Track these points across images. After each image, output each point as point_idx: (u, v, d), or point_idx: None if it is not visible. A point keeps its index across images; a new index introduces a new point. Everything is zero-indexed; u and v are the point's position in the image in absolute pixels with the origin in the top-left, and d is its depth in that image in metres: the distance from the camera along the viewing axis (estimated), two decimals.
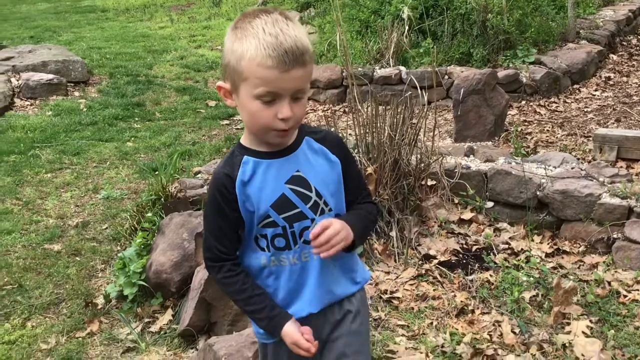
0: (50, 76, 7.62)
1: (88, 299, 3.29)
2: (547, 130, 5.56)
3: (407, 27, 7.23)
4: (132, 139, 6.08)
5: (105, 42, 11.56)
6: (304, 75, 1.42)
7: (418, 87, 4.32)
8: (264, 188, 1.51)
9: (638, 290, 3.07)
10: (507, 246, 3.53)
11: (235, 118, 6.83)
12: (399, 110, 3.76)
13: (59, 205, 4.50)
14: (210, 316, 2.89)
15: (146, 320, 3.10)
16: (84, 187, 4.82)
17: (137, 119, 6.79)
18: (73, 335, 3.04)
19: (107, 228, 4.14)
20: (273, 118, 1.42)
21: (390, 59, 7.03)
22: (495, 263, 3.37)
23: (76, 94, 7.74)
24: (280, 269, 1.57)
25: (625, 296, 3.04)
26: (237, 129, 6.43)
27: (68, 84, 7.81)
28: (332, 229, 1.45)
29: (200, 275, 2.88)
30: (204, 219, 1.66)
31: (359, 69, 6.88)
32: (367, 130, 3.81)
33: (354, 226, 1.52)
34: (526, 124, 5.78)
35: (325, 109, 6.97)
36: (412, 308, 3.03)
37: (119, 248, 3.85)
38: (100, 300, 3.27)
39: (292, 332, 1.53)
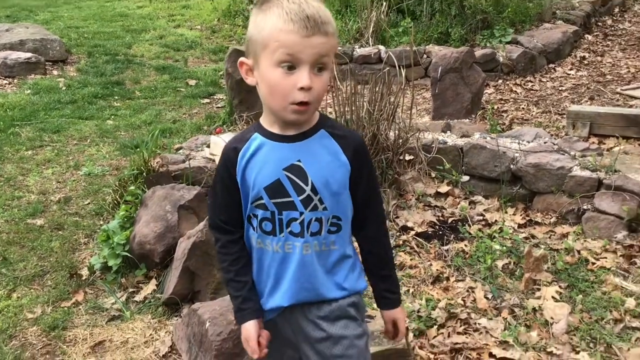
0: (28, 55, 7.56)
1: (72, 270, 3.34)
2: (523, 108, 5.69)
3: (386, 7, 7.28)
4: (112, 117, 6.09)
5: (83, 21, 11.44)
6: (325, 44, 1.39)
7: (397, 66, 4.39)
8: (263, 169, 1.50)
9: (606, 258, 3.20)
10: (481, 218, 3.64)
11: (215, 97, 6.86)
12: (377, 87, 3.85)
13: (40, 181, 4.51)
14: (193, 285, 2.97)
15: (130, 290, 3.16)
16: (65, 164, 4.84)
17: (116, 97, 6.79)
18: (58, 305, 3.09)
19: (89, 203, 4.18)
20: (292, 88, 1.39)
21: (370, 38, 7.10)
22: (470, 234, 3.48)
23: (54, 72, 7.69)
24: (263, 253, 1.57)
25: (593, 263, 3.17)
26: (218, 107, 6.47)
27: (46, 62, 7.76)
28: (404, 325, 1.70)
29: (184, 245, 2.95)
30: (210, 189, 1.70)
31: (339, 48, 6.92)
32: (347, 108, 3.88)
33: (398, 299, 1.70)
34: (502, 102, 5.90)
35: None
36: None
37: (101, 222, 3.89)
38: (84, 272, 3.32)
39: (249, 331, 1.55)
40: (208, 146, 4.09)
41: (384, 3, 7.35)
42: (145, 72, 7.91)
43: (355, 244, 1.69)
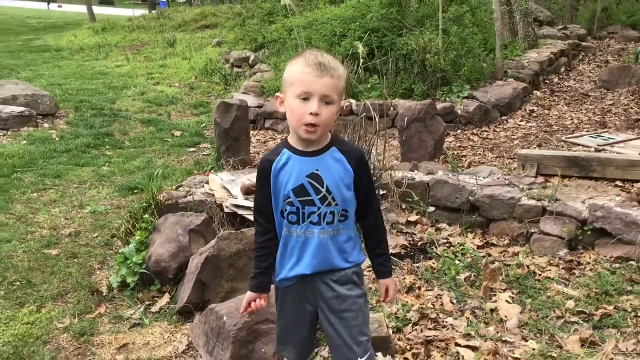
0: (21, 108, 8.07)
1: (93, 288, 3.80)
2: (479, 153, 6.40)
3: (355, 65, 8.03)
4: (107, 163, 6.60)
5: (64, 79, 12.00)
6: (331, 84, 1.92)
7: (373, 115, 5.04)
8: (291, 175, 2.02)
9: (550, 270, 3.82)
10: (446, 241, 4.24)
11: (201, 146, 7.44)
12: (355, 132, 4.48)
13: (49, 218, 4.97)
14: (204, 295, 3.47)
15: (147, 303, 3.64)
16: (70, 204, 5.31)
17: (107, 147, 7.31)
18: (83, 317, 3.54)
19: (97, 236, 4.65)
20: (305, 113, 1.91)
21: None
22: (437, 253, 4.07)
23: (45, 125, 8.19)
24: (289, 238, 2.10)
25: (539, 274, 3.77)
26: (204, 154, 7.03)
27: (37, 116, 8.27)
28: (395, 291, 2.25)
29: (196, 260, 3.46)
30: (254, 198, 2.28)
31: None
32: None
33: (390, 270, 2.24)
34: (461, 148, 6.61)
35: (283, 137, 7.65)
36: (370, 288, 3.67)
37: (111, 252, 4.37)
38: (104, 289, 3.79)
39: (247, 296, 2.19)
40: (207, 182, 4.64)
41: (354, 62, 8.10)
42: (132, 124, 8.47)
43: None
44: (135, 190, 5.68)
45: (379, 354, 2.88)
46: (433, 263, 3.96)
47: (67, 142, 7.25)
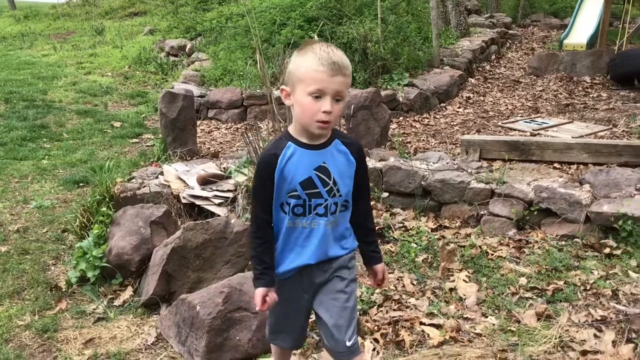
0: None
1: (50, 284, 3.71)
2: (423, 139, 6.58)
3: None
4: (47, 157, 6.39)
5: None
6: (343, 82, 1.93)
7: None
8: (298, 169, 2.02)
9: (501, 249, 4.01)
10: (402, 225, 4.37)
11: (143, 137, 7.31)
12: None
13: None
14: (170, 287, 3.45)
15: (109, 297, 3.59)
16: (14, 199, 5.13)
17: (45, 139, 7.07)
18: (44, 314, 3.46)
19: (47, 231, 4.53)
20: (318, 111, 1.92)
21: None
22: (394, 237, 4.20)
23: None
24: (294, 231, 2.10)
25: (492, 254, 3.96)
26: (147, 145, 6.91)
27: None
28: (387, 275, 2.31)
29: (161, 252, 3.44)
30: (252, 189, 2.25)
31: (258, 91, 7.61)
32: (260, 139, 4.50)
33: (381, 256, 2.31)
34: (405, 135, 6.78)
35: (227, 127, 7.62)
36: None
37: (64, 246, 4.28)
38: (62, 285, 3.71)
39: (258, 293, 2.13)
40: (161, 174, 4.59)
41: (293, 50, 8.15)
42: (67, 116, 8.21)
43: None
44: (81, 184, 5.55)
45: None
46: (391, 247, 4.08)
47: (1, 136, 6.96)
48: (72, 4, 22.06)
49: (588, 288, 3.47)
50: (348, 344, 2.19)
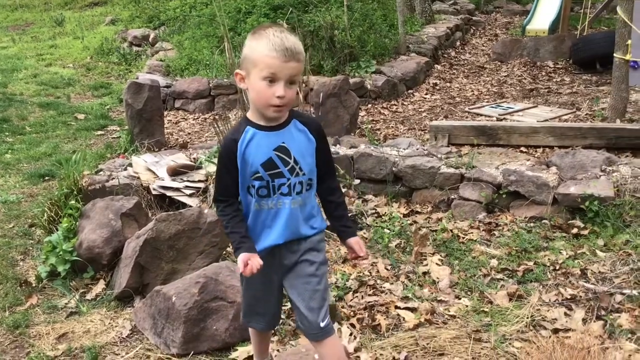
0: None
1: (20, 280, 3.64)
2: (392, 126, 6.62)
3: None
4: (10, 151, 6.25)
5: None
6: (296, 67, 1.98)
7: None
8: (258, 151, 2.05)
9: (472, 233, 4.07)
10: (374, 211, 4.40)
11: (109, 128, 7.19)
12: None
13: None
14: (143, 279, 3.42)
15: (81, 291, 3.54)
16: None
17: (7, 133, 6.91)
18: (14, 310, 3.40)
19: (14, 227, 4.43)
20: (272, 95, 1.95)
21: None
22: (367, 224, 4.22)
23: None
24: (260, 212, 2.13)
25: (463, 237, 4.01)
26: (113, 137, 6.81)
27: None
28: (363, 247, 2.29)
29: (133, 244, 3.40)
30: (215, 171, 2.26)
31: (225, 80, 7.55)
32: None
33: (354, 229, 2.31)
34: (374, 122, 6.81)
35: (195, 117, 7.54)
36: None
37: (32, 241, 4.20)
38: (32, 280, 3.64)
39: (241, 257, 2.11)
40: (130, 165, 4.53)
41: None
42: (29, 109, 8.03)
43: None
44: (47, 177, 5.45)
45: None
46: (364, 233, 4.10)
47: None
48: None
49: (557, 268, 3.54)
50: (322, 324, 2.22)
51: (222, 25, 6.96)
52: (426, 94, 8.04)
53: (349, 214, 2.34)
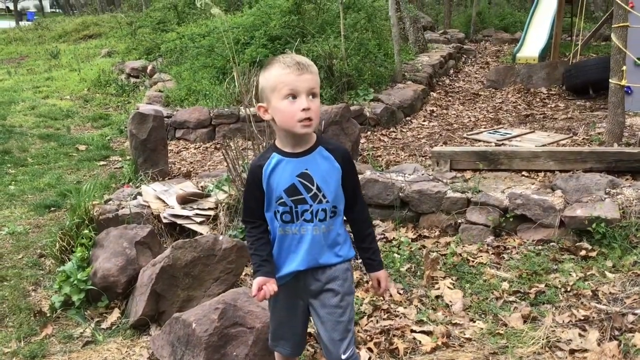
0: None
1: (34, 310, 3.63)
2: (393, 152, 6.70)
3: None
4: (13, 182, 6.26)
5: None
6: (312, 79, 2.03)
7: None
8: (282, 177, 2.10)
9: (481, 256, 4.11)
10: (383, 236, 4.44)
11: (111, 159, 7.22)
12: (272, 135, 4.57)
13: None
14: (159, 306, 3.43)
15: (96, 319, 3.54)
16: None
17: (9, 165, 6.92)
18: (30, 340, 3.38)
19: (23, 257, 4.43)
20: (297, 110, 1.99)
21: (253, 99, 7.83)
22: None
23: None
24: (285, 238, 2.17)
25: (473, 261, 4.06)
26: (116, 167, 6.83)
27: None
28: (387, 282, 2.33)
29: (149, 272, 3.42)
30: (243, 194, 2.31)
31: (226, 109, 7.63)
32: (240, 162, 4.51)
33: (379, 264, 2.33)
34: (375, 149, 6.89)
35: (196, 146, 7.60)
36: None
37: (42, 272, 4.19)
38: (46, 310, 3.63)
39: (256, 282, 2.16)
40: (140, 194, 4.56)
41: (260, 69, 8.20)
42: (30, 140, 8.06)
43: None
44: (53, 208, 5.46)
45: None
46: None
47: None
48: (24, 29, 21.66)
49: (569, 289, 3.59)
50: (343, 356, 2.23)
51: (229, 51, 7.03)
52: (424, 120, 8.15)
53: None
